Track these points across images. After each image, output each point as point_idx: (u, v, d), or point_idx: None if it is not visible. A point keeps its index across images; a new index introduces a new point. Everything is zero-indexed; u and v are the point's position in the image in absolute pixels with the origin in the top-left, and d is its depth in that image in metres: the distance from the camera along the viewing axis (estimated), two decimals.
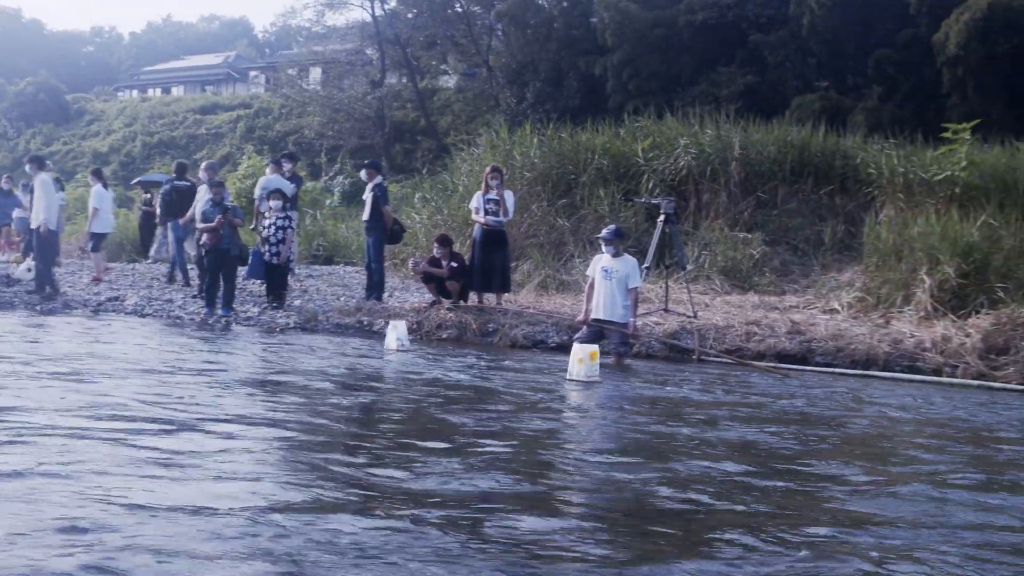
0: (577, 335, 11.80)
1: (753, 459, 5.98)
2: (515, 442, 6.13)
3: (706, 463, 5.74)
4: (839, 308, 14.19)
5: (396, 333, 11.79)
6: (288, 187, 16.36)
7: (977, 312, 12.88)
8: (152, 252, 22.02)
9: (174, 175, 17.57)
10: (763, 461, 5.93)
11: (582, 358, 9.74)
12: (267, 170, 18.06)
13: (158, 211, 18.37)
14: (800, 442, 6.79)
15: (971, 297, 13.23)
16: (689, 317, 13.39)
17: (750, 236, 16.81)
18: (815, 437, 7.08)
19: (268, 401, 7.25)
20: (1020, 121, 20.33)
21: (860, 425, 7.94)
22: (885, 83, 25.48)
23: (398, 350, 11.52)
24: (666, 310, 13.70)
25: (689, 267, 15.34)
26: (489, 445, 5.91)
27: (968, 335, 12.26)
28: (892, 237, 14.61)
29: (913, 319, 13.21)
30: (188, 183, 16.95)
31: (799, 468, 5.78)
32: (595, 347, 10.04)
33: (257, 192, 16.62)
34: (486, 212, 14.00)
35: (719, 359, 12.33)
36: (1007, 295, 12.94)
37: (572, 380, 9.62)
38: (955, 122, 16.88)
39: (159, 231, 20.70)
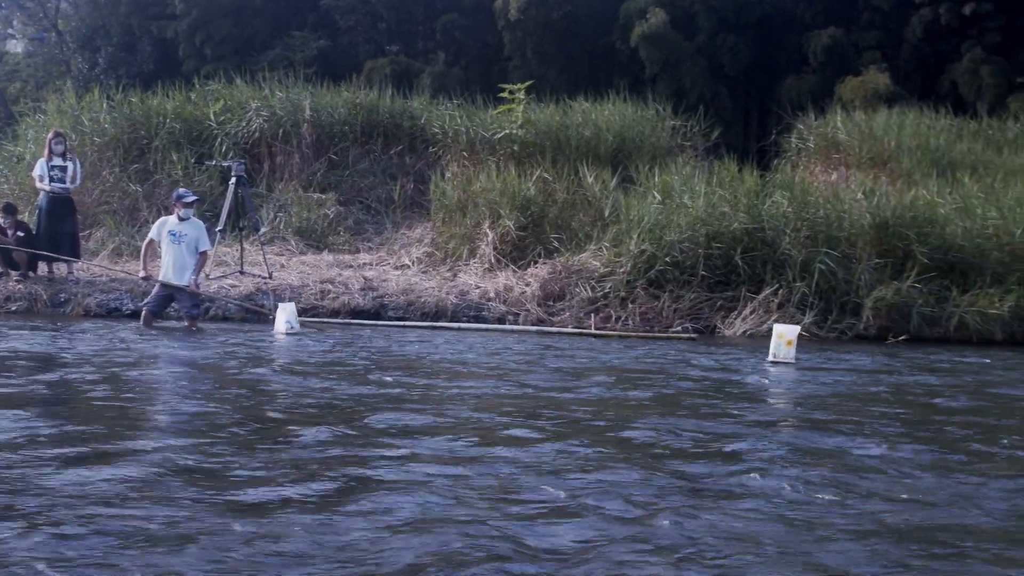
0: (147, 300, 11.50)
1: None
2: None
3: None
4: (410, 264, 14.68)
5: (285, 315, 10.93)
6: None
7: (535, 262, 13.79)
8: None
9: None
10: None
11: (791, 340, 9.19)
12: None
13: None
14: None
15: (530, 248, 14.15)
16: (264, 279, 13.39)
17: (324, 197, 16.94)
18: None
19: None
20: (572, 82, 21.91)
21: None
22: (452, 47, 26.48)
23: (287, 333, 10.74)
24: (242, 272, 13.66)
25: (264, 229, 15.28)
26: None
27: (528, 284, 13.12)
28: (457, 193, 15.26)
29: (478, 271, 13.93)
30: None
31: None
32: (797, 328, 9.57)
33: None
34: (51, 179, 13.43)
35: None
36: (561, 245, 13.94)
37: (775, 361, 9.14)
38: (516, 83, 17.83)
39: None
